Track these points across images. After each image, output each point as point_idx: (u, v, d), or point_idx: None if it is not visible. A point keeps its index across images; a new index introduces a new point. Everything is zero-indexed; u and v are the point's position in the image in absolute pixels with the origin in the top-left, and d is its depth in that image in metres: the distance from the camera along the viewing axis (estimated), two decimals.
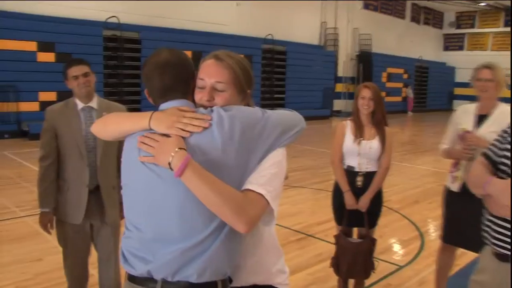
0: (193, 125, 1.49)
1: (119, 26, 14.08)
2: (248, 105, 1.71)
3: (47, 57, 12.40)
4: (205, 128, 1.50)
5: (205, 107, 1.59)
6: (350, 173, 3.52)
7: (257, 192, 1.48)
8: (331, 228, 5.38)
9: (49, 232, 3.04)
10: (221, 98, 1.60)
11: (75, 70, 2.87)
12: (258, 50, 18.62)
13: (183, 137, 1.49)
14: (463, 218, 3.33)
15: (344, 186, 3.50)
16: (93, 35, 13.48)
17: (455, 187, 3.39)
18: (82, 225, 2.99)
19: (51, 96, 11.39)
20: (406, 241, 5.23)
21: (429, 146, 13.34)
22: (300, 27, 20.80)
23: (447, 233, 3.55)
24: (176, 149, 1.44)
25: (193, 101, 1.64)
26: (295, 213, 6.15)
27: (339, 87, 23.25)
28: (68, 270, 3.10)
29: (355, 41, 24.17)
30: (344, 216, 3.55)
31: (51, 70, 11.70)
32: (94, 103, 2.98)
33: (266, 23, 18.89)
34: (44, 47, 12.35)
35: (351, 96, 23.24)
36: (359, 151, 3.45)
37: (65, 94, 2.91)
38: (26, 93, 12.10)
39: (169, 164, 1.44)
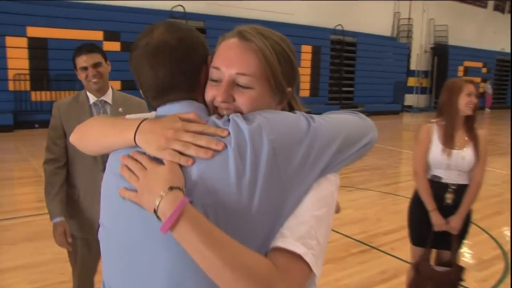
0: (198, 146, 0.97)
1: (184, 15, 13.94)
2: (292, 110, 1.12)
3: (113, 46, 12.46)
4: (217, 152, 0.97)
5: (220, 115, 1.06)
6: (436, 185, 2.94)
7: (292, 253, 0.93)
8: (398, 240, 4.84)
9: (67, 246, 2.66)
10: (244, 99, 1.05)
11: (84, 60, 2.45)
12: (327, 41, 18.02)
13: (182, 166, 0.97)
14: None
15: (430, 204, 2.93)
16: None
17: None
18: (96, 239, 2.64)
19: (115, 85, 11.26)
20: (486, 261, 4.53)
21: (509, 148, 12.23)
22: (371, 18, 19.88)
23: None
24: (167, 188, 0.92)
25: (204, 101, 1.11)
26: (358, 219, 5.59)
27: (412, 81, 22.18)
28: None
29: (430, 33, 22.95)
30: (429, 237, 2.97)
31: (116, 59, 11.47)
32: (108, 97, 2.57)
33: (335, 12, 18.17)
34: (110, 36, 12.43)
35: (423, 90, 22.17)
36: (449, 162, 2.86)
37: (129, 83, 2.54)
38: None
39: (155, 210, 0.93)
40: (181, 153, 0.97)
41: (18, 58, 11.57)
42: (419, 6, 21.88)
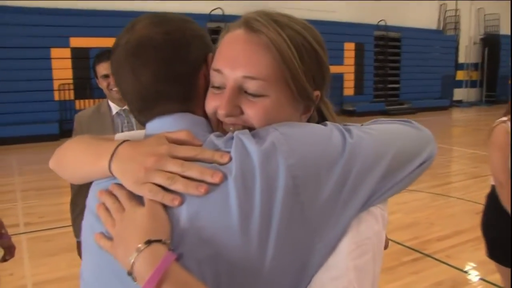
0: (188, 178, 0.72)
1: (224, 18, 13.84)
2: (323, 121, 0.84)
3: None
4: (213, 186, 0.71)
5: (224, 131, 0.82)
6: None
7: None
8: (454, 247, 4.50)
9: None
10: (255, 111, 0.79)
11: (105, 68, 2.30)
12: (370, 38, 17.50)
13: (166, 207, 0.72)
14: None
15: None
16: None
17: None
18: None
19: None
20: None
21: None
22: (415, 11, 19.19)
23: None
24: (145, 240, 0.68)
25: (204, 112, 0.85)
26: (409, 224, 5.24)
27: (460, 75, 21.28)
28: None
29: (480, 23, 21.95)
30: None
31: None
32: None
33: (378, 8, 17.62)
34: None
35: (473, 84, 21.29)
36: None
37: None
38: None
39: (130, 271, 0.68)
40: (166, 188, 0.72)
41: (62, 69, 11.79)
42: None
